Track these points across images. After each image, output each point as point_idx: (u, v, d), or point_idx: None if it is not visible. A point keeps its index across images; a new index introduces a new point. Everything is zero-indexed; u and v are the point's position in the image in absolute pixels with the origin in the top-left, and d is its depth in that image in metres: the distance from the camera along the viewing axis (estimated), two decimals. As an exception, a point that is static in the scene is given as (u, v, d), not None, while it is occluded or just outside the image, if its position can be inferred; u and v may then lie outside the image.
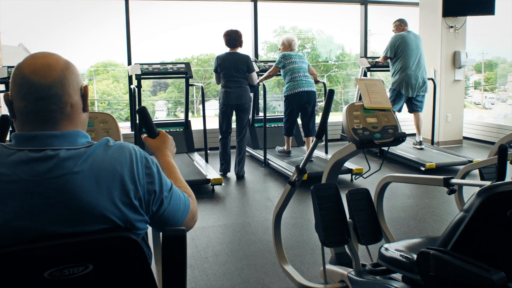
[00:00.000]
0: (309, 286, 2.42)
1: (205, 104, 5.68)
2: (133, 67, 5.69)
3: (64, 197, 1.03)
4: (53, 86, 1.09)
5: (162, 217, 1.21)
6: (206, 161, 5.38)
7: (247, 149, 6.27)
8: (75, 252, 1.04)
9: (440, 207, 4.05)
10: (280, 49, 5.45)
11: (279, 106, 16.38)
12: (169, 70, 5.77)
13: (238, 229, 3.61)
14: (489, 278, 1.28)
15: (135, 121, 5.74)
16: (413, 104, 5.92)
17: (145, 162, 1.17)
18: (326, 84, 5.80)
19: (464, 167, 3.07)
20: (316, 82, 5.48)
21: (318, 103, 7.59)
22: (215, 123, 5.72)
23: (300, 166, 2.33)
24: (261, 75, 5.68)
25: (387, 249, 1.84)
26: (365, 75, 6.58)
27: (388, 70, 6.14)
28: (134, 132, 5.39)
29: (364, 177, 2.90)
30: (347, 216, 2.41)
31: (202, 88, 5.49)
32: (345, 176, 5.05)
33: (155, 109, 29.10)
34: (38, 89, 1.09)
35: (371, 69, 6.63)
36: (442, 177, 2.20)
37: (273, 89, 18.69)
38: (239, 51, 5.13)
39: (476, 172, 3.41)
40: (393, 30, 6.04)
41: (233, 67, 5.00)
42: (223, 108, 5.11)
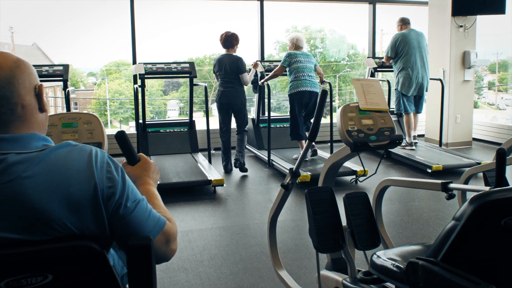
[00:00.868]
0: (303, 293, 2.35)
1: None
2: (137, 67, 5.66)
3: (15, 204, 0.98)
4: (0, 87, 1.04)
5: (124, 228, 1.10)
6: (209, 162, 5.33)
7: (252, 149, 6.22)
8: (32, 261, 0.99)
9: (445, 211, 3.95)
10: (288, 48, 5.41)
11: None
12: (173, 70, 5.74)
13: (237, 232, 3.55)
14: (479, 292, 1.21)
15: (139, 121, 5.72)
16: (415, 105, 5.83)
17: (107, 167, 1.09)
18: (332, 85, 5.72)
19: (468, 170, 2.97)
20: (322, 82, 5.41)
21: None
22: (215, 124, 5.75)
23: (294, 169, 2.25)
24: (267, 75, 5.63)
25: (379, 257, 1.77)
26: (372, 76, 6.48)
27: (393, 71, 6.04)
28: (137, 133, 5.35)
29: (360, 181, 2.85)
30: (344, 221, 2.36)
31: (206, 88, 5.44)
32: (350, 178, 4.97)
33: (167, 109, 29.18)
34: None
35: (378, 70, 6.52)
36: (440, 182, 2.11)
37: (285, 89, 18.61)
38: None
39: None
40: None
41: (226, 68, 5.18)
42: (219, 107, 5.33)
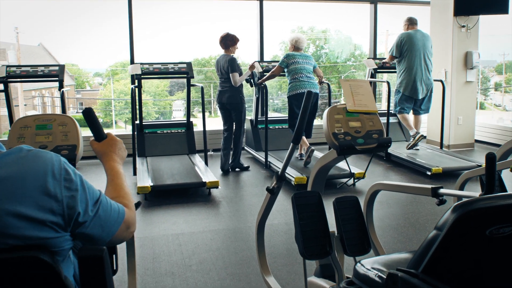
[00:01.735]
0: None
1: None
2: (134, 67, 5.62)
3: None
4: None
5: (87, 233, 1.08)
6: (206, 164, 5.26)
7: (250, 151, 6.15)
8: None
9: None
10: (288, 49, 5.35)
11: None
12: (170, 70, 5.68)
13: (229, 235, 3.48)
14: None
15: (135, 123, 5.67)
16: (416, 107, 5.75)
17: (65, 174, 1.04)
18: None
19: (464, 174, 2.88)
20: (321, 83, 5.33)
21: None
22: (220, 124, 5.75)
23: (279, 173, 2.18)
24: (265, 75, 5.57)
25: (363, 266, 1.69)
26: (373, 77, 6.39)
27: (395, 72, 5.94)
28: (133, 134, 5.29)
29: (348, 185, 2.78)
30: (335, 226, 2.28)
31: (202, 89, 5.38)
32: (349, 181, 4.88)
33: (173, 109, 29.12)
34: None
35: (379, 71, 6.43)
36: (430, 187, 2.03)
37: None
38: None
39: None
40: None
41: (221, 68, 5.30)
42: (218, 107, 5.49)
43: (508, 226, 1.27)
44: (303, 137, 5.26)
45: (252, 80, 5.44)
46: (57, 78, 5.33)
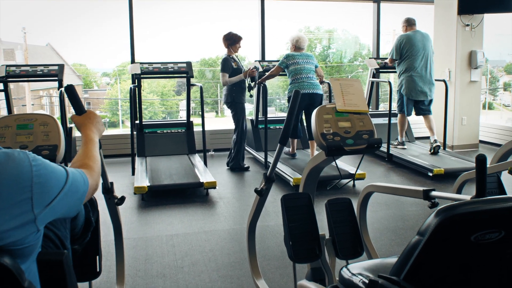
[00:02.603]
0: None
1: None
2: (133, 66, 5.59)
3: None
4: None
5: (60, 214, 1.11)
6: (205, 164, 5.22)
7: (250, 151, 6.10)
8: None
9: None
10: (290, 48, 5.29)
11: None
12: (170, 70, 5.64)
13: (223, 237, 3.43)
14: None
15: (135, 121, 5.64)
16: (421, 108, 5.64)
17: (35, 171, 1.04)
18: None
19: (462, 176, 2.81)
20: (321, 83, 5.27)
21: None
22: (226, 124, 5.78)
23: (268, 174, 2.13)
24: (265, 75, 5.51)
25: (349, 270, 1.64)
26: (374, 77, 6.31)
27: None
28: (131, 134, 5.26)
29: (328, 189, 2.75)
30: (327, 229, 2.23)
31: (201, 88, 5.34)
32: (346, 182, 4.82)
33: (179, 109, 29.10)
34: None
35: (381, 71, 6.35)
36: (422, 189, 1.97)
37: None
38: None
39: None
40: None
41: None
42: None
43: (495, 232, 1.21)
44: (311, 141, 5.24)
45: (251, 84, 5.35)
46: (57, 78, 5.32)
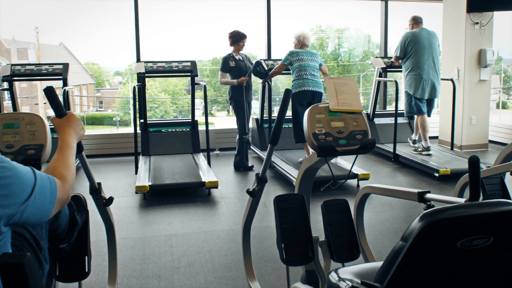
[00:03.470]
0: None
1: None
2: (137, 65, 5.59)
3: None
4: None
5: (23, 221, 1.09)
6: (209, 163, 5.19)
7: (255, 150, 6.07)
8: None
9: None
10: (294, 45, 5.21)
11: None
12: (174, 69, 5.63)
13: (222, 237, 3.40)
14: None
15: (140, 120, 5.64)
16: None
17: (0, 172, 1.04)
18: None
19: (463, 177, 2.74)
20: None
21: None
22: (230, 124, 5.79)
23: (260, 175, 2.09)
24: (269, 74, 5.47)
25: (337, 275, 1.59)
26: (381, 76, 6.23)
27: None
28: (134, 133, 5.25)
29: (321, 190, 2.70)
30: (323, 230, 2.19)
31: (205, 87, 5.32)
32: (352, 181, 4.76)
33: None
34: None
35: (388, 70, 6.26)
36: (417, 191, 1.92)
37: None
38: (245, 52, 5.47)
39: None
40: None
41: None
42: None
43: (482, 238, 1.16)
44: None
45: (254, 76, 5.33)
46: (61, 77, 5.34)
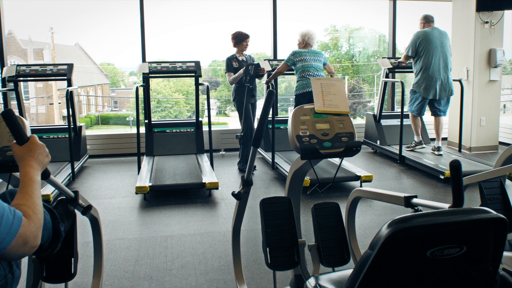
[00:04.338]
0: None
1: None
2: (142, 66, 5.60)
3: None
4: None
5: None
6: (211, 164, 5.16)
7: (259, 151, 6.04)
8: None
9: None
10: (298, 44, 5.15)
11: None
12: (178, 69, 5.63)
13: (218, 239, 3.37)
14: None
15: (144, 121, 5.64)
16: (435, 108, 5.43)
17: None
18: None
19: (463, 180, 2.66)
20: None
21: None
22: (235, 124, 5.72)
23: (245, 177, 2.05)
24: (272, 74, 5.42)
25: (315, 281, 1.55)
26: (387, 77, 6.13)
27: (413, 71, 5.65)
28: (137, 133, 5.25)
29: (307, 193, 2.64)
30: (312, 234, 2.14)
31: (208, 87, 5.29)
32: (355, 183, 4.70)
33: (205, 108, 29.30)
34: None
35: (396, 70, 6.16)
36: (403, 195, 1.86)
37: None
38: (248, 53, 5.43)
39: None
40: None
41: None
42: None
43: (455, 247, 1.11)
44: None
45: (247, 78, 5.17)
46: (66, 77, 5.37)
